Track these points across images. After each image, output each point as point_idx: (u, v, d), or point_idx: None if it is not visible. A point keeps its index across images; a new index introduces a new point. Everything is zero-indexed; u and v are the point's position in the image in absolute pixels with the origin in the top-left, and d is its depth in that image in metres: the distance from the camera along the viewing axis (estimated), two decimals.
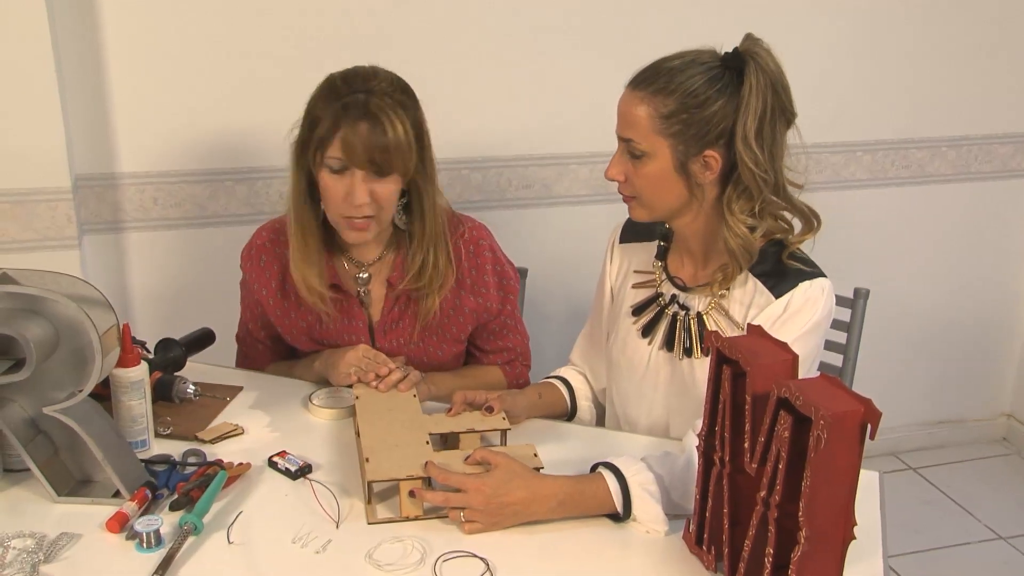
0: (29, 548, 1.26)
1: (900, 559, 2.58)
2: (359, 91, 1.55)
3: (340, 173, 1.57)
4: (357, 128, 1.53)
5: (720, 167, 1.45)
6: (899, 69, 2.68)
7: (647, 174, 1.47)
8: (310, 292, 1.68)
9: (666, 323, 1.59)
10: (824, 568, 1.11)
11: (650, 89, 1.44)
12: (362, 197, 1.57)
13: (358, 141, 1.53)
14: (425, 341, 1.77)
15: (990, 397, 3.20)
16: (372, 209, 1.60)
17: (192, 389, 1.66)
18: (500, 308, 1.81)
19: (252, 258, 1.77)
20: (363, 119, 1.53)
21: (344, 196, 1.58)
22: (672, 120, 1.43)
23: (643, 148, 1.45)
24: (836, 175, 2.72)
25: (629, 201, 1.54)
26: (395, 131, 1.55)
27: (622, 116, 1.48)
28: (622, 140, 1.49)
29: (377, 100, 1.55)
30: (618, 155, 1.51)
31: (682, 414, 1.59)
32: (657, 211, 1.52)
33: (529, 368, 1.92)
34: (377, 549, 1.29)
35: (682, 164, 1.45)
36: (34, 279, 1.37)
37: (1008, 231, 2.98)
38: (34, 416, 1.38)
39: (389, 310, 1.75)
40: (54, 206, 2.11)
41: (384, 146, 1.54)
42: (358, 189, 1.56)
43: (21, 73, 2.01)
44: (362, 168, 1.55)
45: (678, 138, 1.43)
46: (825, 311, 1.48)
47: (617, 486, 1.34)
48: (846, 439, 1.04)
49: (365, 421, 1.51)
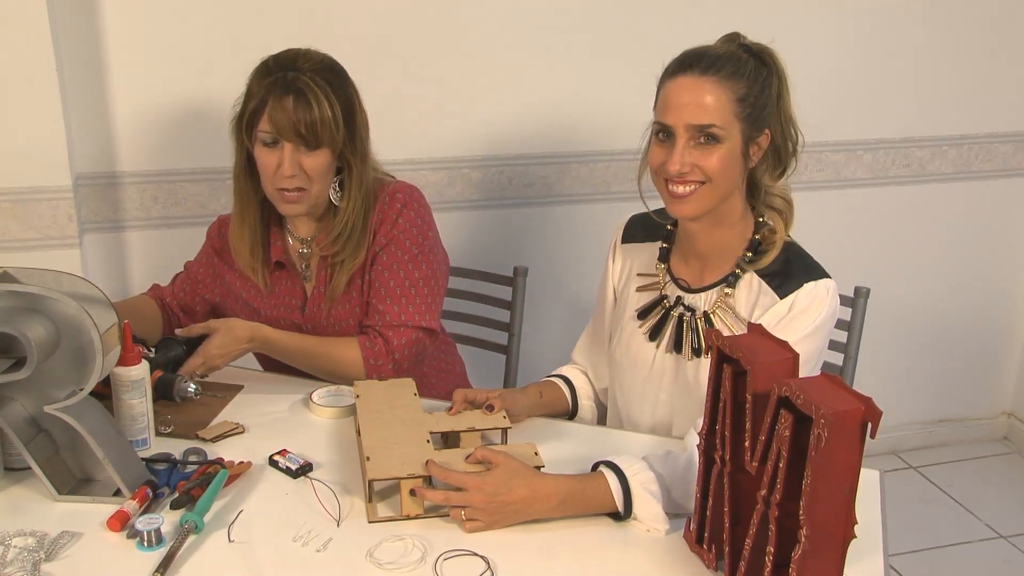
0: (30, 547, 1.26)
1: (901, 558, 2.58)
2: (288, 69, 1.67)
3: (271, 147, 1.68)
4: (283, 102, 1.64)
5: (768, 146, 1.51)
6: (900, 68, 2.68)
7: (721, 157, 1.46)
8: (244, 264, 1.82)
9: (672, 325, 1.59)
10: (825, 567, 1.11)
11: (721, 74, 1.45)
12: (290, 168, 1.67)
13: (284, 115, 1.64)
14: (335, 315, 1.82)
15: (991, 396, 3.20)
16: (302, 181, 1.69)
17: (192, 388, 1.67)
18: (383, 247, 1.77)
19: (211, 232, 1.94)
20: (288, 93, 1.65)
21: (275, 169, 1.68)
22: (745, 103, 1.46)
23: (723, 133, 1.45)
24: (837, 174, 2.72)
25: (692, 193, 1.47)
26: (319, 105, 1.65)
27: (688, 103, 1.45)
28: (690, 128, 1.45)
29: (304, 77, 1.66)
30: (680, 145, 1.45)
31: (686, 414, 1.59)
32: (722, 196, 1.49)
33: (391, 355, 1.75)
34: (378, 548, 1.29)
35: (746, 147, 1.48)
36: (35, 278, 1.37)
37: (1009, 230, 2.98)
38: (35, 415, 1.38)
39: (320, 280, 1.82)
40: (55, 205, 2.11)
41: (309, 120, 1.65)
42: (287, 160, 1.67)
43: (22, 72, 2.01)
44: (290, 141, 1.66)
45: (746, 121, 1.47)
46: (829, 311, 1.48)
47: (618, 485, 1.34)
48: (847, 438, 1.04)
49: (366, 420, 1.51)
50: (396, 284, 1.77)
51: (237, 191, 1.79)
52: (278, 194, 1.71)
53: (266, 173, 1.70)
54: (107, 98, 2.17)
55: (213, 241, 1.92)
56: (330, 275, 1.80)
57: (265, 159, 1.69)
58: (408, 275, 1.77)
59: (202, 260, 1.95)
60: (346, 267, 1.77)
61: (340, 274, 1.78)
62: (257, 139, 1.69)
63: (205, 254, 1.94)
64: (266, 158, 1.69)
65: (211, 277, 1.93)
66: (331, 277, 1.80)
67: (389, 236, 1.77)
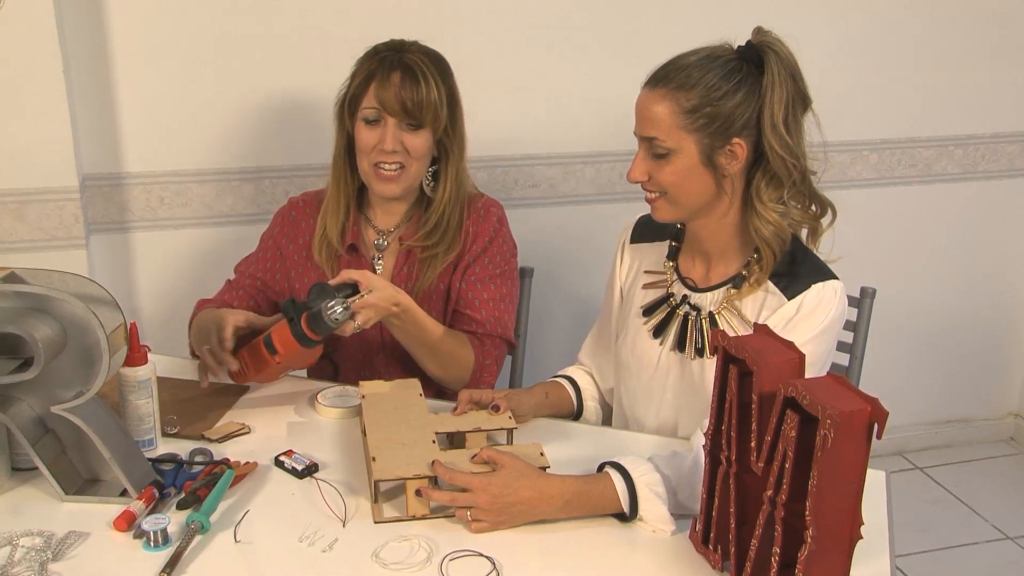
0: (37, 547, 1.27)
1: (907, 559, 2.58)
2: (397, 51, 1.70)
3: (374, 124, 1.69)
4: (391, 78, 1.66)
5: (746, 155, 1.46)
6: (906, 68, 2.68)
7: (673, 171, 1.46)
8: (325, 245, 1.78)
9: (677, 324, 1.59)
10: (831, 568, 1.11)
11: (670, 86, 1.44)
12: (392, 143, 1.67)
13: (391, 90, 1.66)
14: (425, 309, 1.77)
15: (997, 397, 3.19)
16: (402, 158, 1.70)
17: (341, 309, 1.49)
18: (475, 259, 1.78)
19: (284, 213, 1.89)
20: (396, 69, 1.67)
21: (376, 144, 1.68)
22: (696, 115, 1.43)
23: (667, 146, 1.45)
24: (842, 174, 2.72)
25: (655, 201, 1.52)
26: (427, 84, 1.67)
27: (642, 116, 1.48)
28: (644, 140, 1.48)
29: (412, 56, 1.69)
30: (640, 156, 1.50)
31: (691, 414, 1.58)
32: (685, 208, 1.51)
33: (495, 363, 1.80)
34: (384, 548, 1.29)
35: (708, 158, 1.45)
36: (42, 278, 1.37)
37: (1016, 230, 2.97)
38: (42, 415, 1.38)
39: (398, 271, 1.79)
40: (61, 206, 2.11)
41: (416, 98, 1.66)
42: (389, 135, 1.68)
43: (29, 73, 2.01)
44: (394, 116, 1.67)
45: (703, 132, 1.44)
46: (837, 313, 1.48)
47: (624, 487, 1.34)
48: (853, 438, 1.04)
49: (371, 420, 1.51)
50: (489, 296, 1.79)
51: (335, 175, 1.78)
52: (374, 171, 1.71)
53: (365, 149, 1.70)
54: (114, 99, 2.18)
55: (278, 240, 1.86)
56: (415, 270, 1.78)
57: (366, 136, 1.69)
58: (498, 289, 1.80)
59: (263, 262, 1.87)
60: (439, 262, 1.76)
61: (431, 268, 1.77)
62: (359, 118, 1.70)
63: (266, 256, 1.87)
64: (367, 135, 1.69)
65: (278, 275, 1.86)
66: (417, 272, 1.78)
67: (485, 249, 1.78)
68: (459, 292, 1.79)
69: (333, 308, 1.49)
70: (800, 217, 1.50)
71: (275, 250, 1.87)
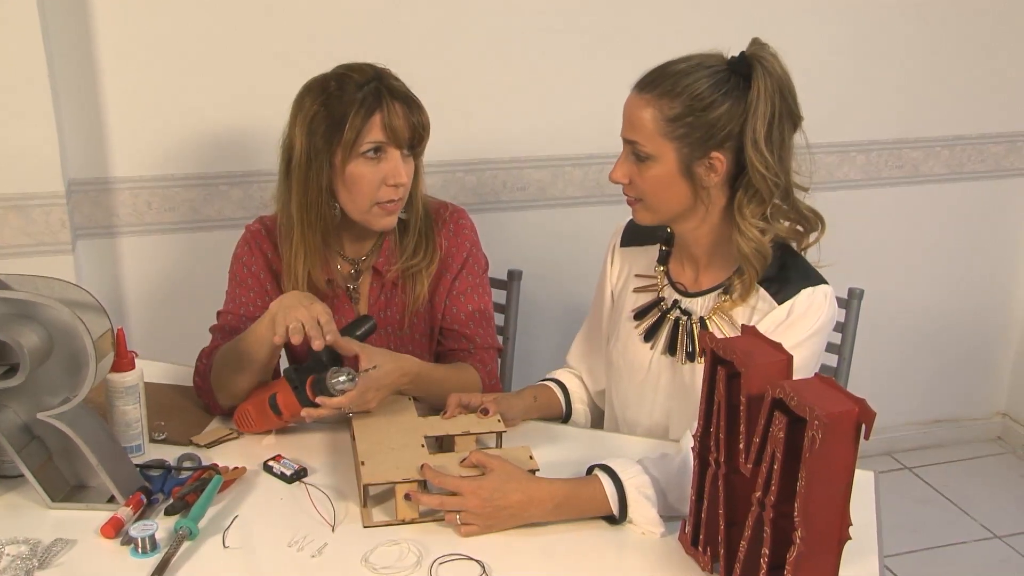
0: (23, 554, 1.26)
1: (896, 559, 2.59)
2: (373, 80, 1.60)
3: (374, 159, 1.60)
4: (395, 109, 1.58)
5: (725, 169, 1.45)
6: (893, 69, 2.69)
7: (652, 177, 1.47)
8: (303, 287, 1.66)
9: (668, 328, 1.59)
10: (820, 568, 1.11)
11: (655, 92, 1.44)
12: (407, 175, 1.62)
13: (399, 120, 1.58)
14: (412, 329, 1.76)
15: (985, 396, 3.21)
16: (405, 189, 1.64)
17: (345, 378, 1.46)
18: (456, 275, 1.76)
19: (249, 241, 1.76)
20: (398, 100, 1.59)
21: (380, 181, 1.60)
22: (677, 123, 1.43)
23: (648, 151, 1.45)
24: (830, 175, 2.72)
25: (634, 204, 1.53)
26: (423, 111, 1.63)
27: (627, 119, 1.48)
28: (627, 142, 1.49)
29: (394, 81, 1.62)
30: (623, 158, 1.50)
31: (682, 417, 1.59)
32: (661, 214, 1.52)
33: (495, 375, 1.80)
34: (373, 552, 1.29)
35: (687, 167, 1.45)
36: (27, 284, 1.36)
37: (1002, 230, 2.98)
38: (28, 422, 1.38)
39: (376, 299, 1.75)
40: (48, 211, 2.10)
41: (421, 123, 1.62)
42: (402, 167, 1.61)
43: (14, 77, 2.00)
44: (401, 147, 1.60)
45: (683, 141, 1.43)
46: (827, 317, 1.48)
47: (613, 489, 1.34)
48: (841, 439, 1.04)
49: (360, 424, 1.51)
50: (474, 308, 1.77)
51: (307, 223, 1.63)
52: (378, 208, 1.62)
53: (368, 188, 1.60)
54: (100, 103, 2.17)
55: (252, 268, 1.74)
56: (396, 293, 1.74)
57: (368, 174, 1.59)
58: (480, 299, 1.78)
59: (244, 294, 1.74)
60: (423, 276, 1.72)
61: (419, 284, 1.72)
62: (355, 156, 1.59)
63: (246, 287, 1.74)
64: (369, 173, 1.59)
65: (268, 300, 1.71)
66: (403, 293, 1.73)
67: (464, 263, 1.75)
68: (444, 309, 1.77)
69: (338, 379, 1.46)
70: (785, 233, 1.49)
71: (255, 277, 1.74)
